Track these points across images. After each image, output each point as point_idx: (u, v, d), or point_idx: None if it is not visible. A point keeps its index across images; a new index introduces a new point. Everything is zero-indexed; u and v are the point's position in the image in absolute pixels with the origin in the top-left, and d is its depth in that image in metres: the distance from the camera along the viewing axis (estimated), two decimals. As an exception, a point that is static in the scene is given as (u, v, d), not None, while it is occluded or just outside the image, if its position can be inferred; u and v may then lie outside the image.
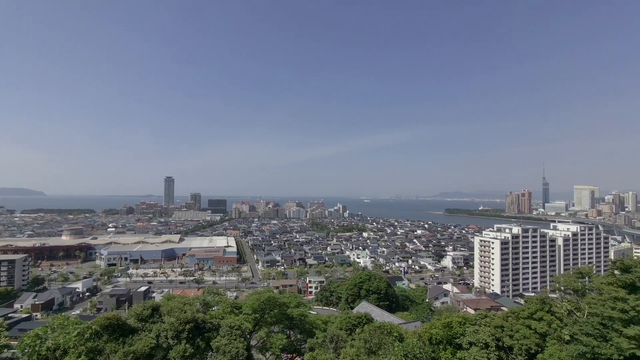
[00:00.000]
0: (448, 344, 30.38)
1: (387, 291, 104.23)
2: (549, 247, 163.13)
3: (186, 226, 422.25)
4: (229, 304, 43.07)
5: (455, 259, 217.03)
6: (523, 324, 26.83)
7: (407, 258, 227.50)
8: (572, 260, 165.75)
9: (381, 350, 31.08)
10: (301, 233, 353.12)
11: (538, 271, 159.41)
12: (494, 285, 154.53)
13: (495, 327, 28.12)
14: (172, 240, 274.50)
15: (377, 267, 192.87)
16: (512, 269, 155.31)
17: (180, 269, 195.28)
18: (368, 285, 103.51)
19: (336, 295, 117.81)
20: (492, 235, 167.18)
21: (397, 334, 34.33)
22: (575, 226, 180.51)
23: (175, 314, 30.08)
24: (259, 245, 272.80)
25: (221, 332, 30.30)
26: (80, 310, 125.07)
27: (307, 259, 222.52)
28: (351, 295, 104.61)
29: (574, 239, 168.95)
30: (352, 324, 43.32)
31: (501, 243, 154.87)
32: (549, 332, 25.64)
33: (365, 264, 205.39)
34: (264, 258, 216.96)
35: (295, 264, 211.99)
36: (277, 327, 43.09)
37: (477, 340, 27.13)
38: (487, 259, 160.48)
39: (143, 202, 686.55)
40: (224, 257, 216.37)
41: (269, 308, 39.67)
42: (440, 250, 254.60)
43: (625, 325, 17.79)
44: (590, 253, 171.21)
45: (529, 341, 25.69)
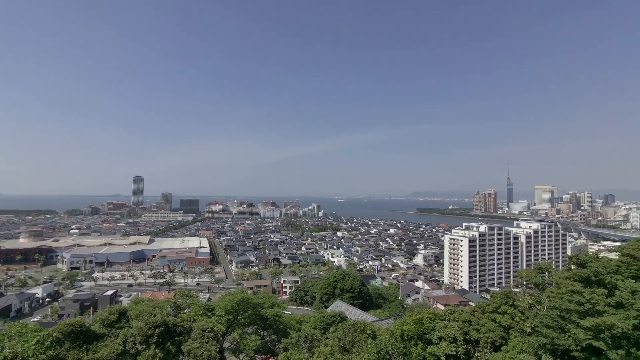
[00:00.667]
0: (419, 339, 31.24)
1: (360, 290, 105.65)
2: (512, 244, 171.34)
3: (156, 227, 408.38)
4: (201, 306, 42.15)
5: (427, 257, 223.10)
6: (489, 317, 28.09)
7: (380, 257, 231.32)
8: (534, 256, 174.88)
9: (355, 348, 31.52)
10: (276, 233, 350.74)
11: (503, 267, 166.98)
12: (462, 282, 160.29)
13: (463, 322, 29.23)
14: (142, 241, 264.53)
15: (351, 266, 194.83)
16: (479, 266, 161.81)
17: (150, 272, 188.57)
18: (342, 284, 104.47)
19: (311, 294, 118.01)
20: (460, 233, 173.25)
21: (370, 331, 34.91)
22: (536, 224, 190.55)
23: (144, 318, 29.09)
24: (233, 246, 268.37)
25: (193, 335, 29.63)
26: (40, 317, 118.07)
27: (282, 259, 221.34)
28: (325, 294, 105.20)
29: (535, 236, 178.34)
30: (327, 323, 43.61)
31: (469, 241, 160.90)
32: (512, 325, 26.99)
33: (340, 263, 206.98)
34: (238, 259, 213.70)
35: (270, 264, 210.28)
36: (251, 328, 42.64)
37: (446, 335, 28.08)
38: (456, 256, 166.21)
39: (110, 202, 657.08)
40: (197, 259, 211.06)
41: (243, 309, 39.18)
42: (412, 248, 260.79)
43: (581, 317, 18.96)
44: (549, 249, 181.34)
45: (494, 334, 26.92)
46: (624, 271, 21.23)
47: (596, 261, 23.71)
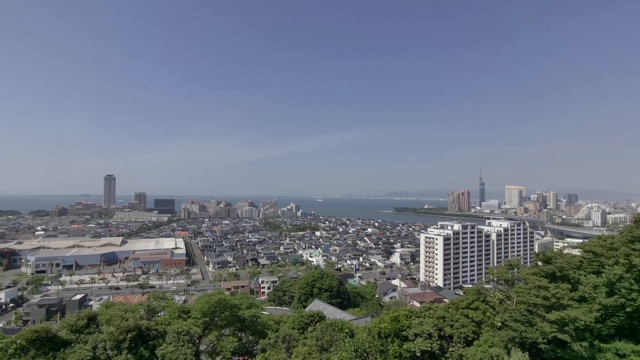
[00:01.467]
0: (395, 336, 31.79)
1: (339, 289, 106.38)
2: (484, 242, 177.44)
3: (129, 228, 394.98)
4: (177, 308, 41.20)
5: (403, 256, 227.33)
6: (462, 313, 29.01)
7: (358, 256, 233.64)
8: (504, 253, 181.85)
9: (333, 347, 31.74)
10: (254, 233, 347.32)
11: (475, 264, 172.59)
12: (437, 279, 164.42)
13: (438, 318, 30.03)
14: (113, 243, 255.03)
15: (329, 266, 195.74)
16: (454, 263, 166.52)
17: (123, 274, 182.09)
18: (320, 284, 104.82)
19: (289, 294, 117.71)
20: (436, 232, 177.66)
21: (348, 330, 35.25)
22: (506, 222, 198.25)
23: (115, 323, 28.09)
24: (210, 246, 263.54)
25: (167, 338, 28.92)
26: (3, 324, 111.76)
27: (260, 259, 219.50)
28: (304, 294, 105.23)
29: (505, 234, 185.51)
30: (305, 322, 43.67)
31: (444, 239, 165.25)
32: (484, 320, 27.99)
33: (318, 263, 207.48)
34: (215, 259, 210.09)
35: (248, 265, 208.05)
36: (228, 329, 42.07)
37: (422, 332, 28.74)
38: (431, 254, 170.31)
39: (79, 203, 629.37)
40: (172, 260, 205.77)
41: (220, 310, 38.56)
42: (389, 247, 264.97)
43: (547, 311, 19.78)
44: (519, 246, 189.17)
45: (466, 329, 27.83)
46: (587, 267, 22.51)
47: (561, 257, 25.03)
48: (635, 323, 19.02)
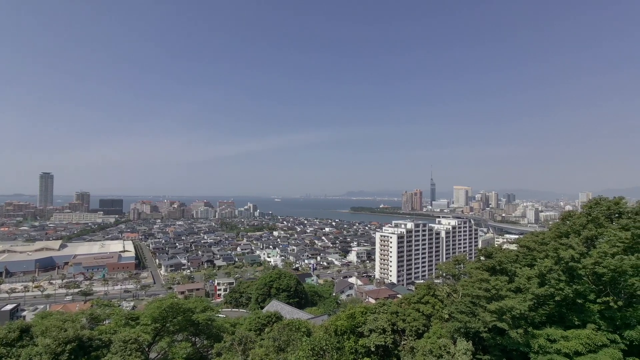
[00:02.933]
0: (351, 333, 32.52)
1: (296, 288, 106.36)
2: (435, 239, 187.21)
3: (70, 230, 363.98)
4: (123, 315, 38.76)
5: (359, 254, 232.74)
6: (413, 308, 30.43)
7: (316, 255, 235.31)
8: (452, 249, 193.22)
9: (290, 346, 31.76)
10: (209, 234, 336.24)
11: (427, 260, 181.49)
12: (391, 276, 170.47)
13: (391, 314, 31.22)
14: (51, 247, 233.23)
15: (287, 265, 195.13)
16: (407, 260, 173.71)
17: (62, 281, 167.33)
18: (278, 284, 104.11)
19: (246, 295, 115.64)
20: (390, 230, 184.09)
21: (305, 329, 35.48)
22: (454, 221, 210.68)
23: (52, 334, 25.81)
24: (162, 249, 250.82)
25: (113, 348, 27.15)
26: None
27: (216, 260, 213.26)
28: (261, 294, 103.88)
29: (453, 232, 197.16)
30: (262, 323, 43.24)
31: (397, 237, 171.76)
32: (433, 313, 29.59)
33: (276, 263, 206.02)
34: (168, 262, 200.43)
35: (203, 266, 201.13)
36: (181, 335, 40.44)
37: (376, 327, 29.68)
38: (386, 252, 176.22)
39: (9, 203, 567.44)
40: (120, 264, 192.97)
41: (172, 315, 36.90)
42: (346, 246, 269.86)
43: (488, 302, 21.32)
44: (465, 242, 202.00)
45: (417, 323, 29.24)
46: (521, 260, 24.69)
47: (500, 252, 27.27)
48: (564, 310, 21.08)
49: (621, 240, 18.50)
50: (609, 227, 21.13)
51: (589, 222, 22.16)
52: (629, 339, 17.91)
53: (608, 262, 17.75)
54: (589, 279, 19.76)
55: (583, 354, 17.83)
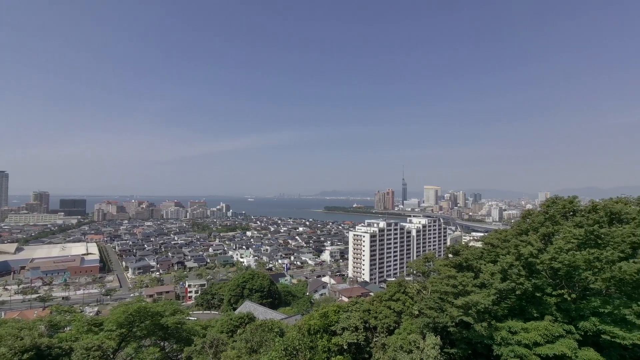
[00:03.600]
0: (324, 332, 32.74)
1: (270, 288, 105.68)
2: (406, 237, 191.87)
3: (27, 232, 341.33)
4: (86, 321, 36.96)
5: (333, 253, 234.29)
6: (385, 305, 31.07)
7: (289, 255, 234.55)
8: (423, 247, 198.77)
9: (262, 347, 31.53)
10: (180, 234, 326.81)
11: (398, 258, 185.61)
12: (364, 274, 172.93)
13: (364, 311, 31.72)
14: (6, 250, 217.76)
15: (260, 266, 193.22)
16: (379, 258, 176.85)
17: (18, 286, 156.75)
18: (251, 285, 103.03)
19: (218, 297, 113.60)
20: (363, 230, 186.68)
21: (278, 329, 35.35)
22: (424, 219, 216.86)
23: (7, 343, 24.23)
24: (129, 251, 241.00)
25: (74, 356, 25.86)
26: None
27: (187, 261, 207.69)
28: (234, 296, 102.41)
29: (423, 230, 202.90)
30: (234, 325, 42.61)
31: (370, 236, 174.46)
32: (404, 310, 30.34)
33: (249, 263, 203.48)
34: (135, 264, 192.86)
35: (173, 268, 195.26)
36: (149, 340, 39.10)
37: (349, 325, 30.07)
38: (359, 251, 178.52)
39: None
40: (82, 267, 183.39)
41: (139, 320, 35.59)
42: (320, 245, 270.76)
43: (455, 298, 22.16)
44: (434, 240, 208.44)
45: (389, 320, 29.89)
46: (486, 257, 25.85)
47: (466, 250, 28.42)
48: (524, 304, 22.27)
49: (575, 237, 19.80)
50: (564, 224, 22.55)
51: (547, 220, 23.55)
52: (583, 329, 19.15)
53: (563, 258, 18.95)
54: (546, 273, 21.00)
55: (541, 344, 18.91)
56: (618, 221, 22.01)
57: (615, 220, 22.16)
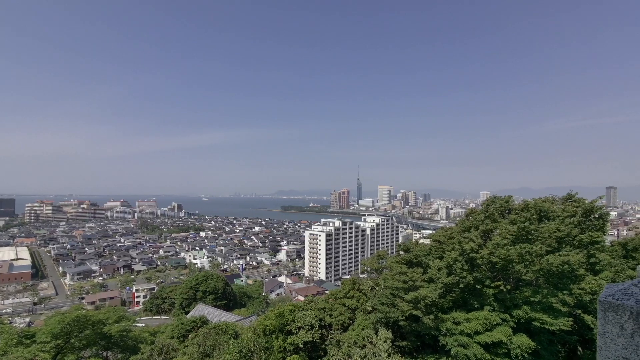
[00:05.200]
0: (280, 331, 32.72)
1: (225, 290, 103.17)
2: (360, 236, 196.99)
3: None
4: (15, 333, 33.53)
5: (289, 253, 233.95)
6: (340, 302, 31.80)
7: (245, 255, 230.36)
8: (376, 245, 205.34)
9: (216, 351, 30.76)
10: (127, 236, 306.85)
11: (353, 256, 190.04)
12: (320, 273, 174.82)
13: (319, 310, 32.20)
14: None
15: (215, 267, 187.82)
16: (335, 257, 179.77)
17: None
18: (205, 287, 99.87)
19: (169, 301, 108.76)
20: (319, 229, 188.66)
21: (233, 331, 34.69)
22: (378, 218, 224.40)
23: None
24: (67, 255, 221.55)
25: (2, 372, 23.40)
26: None
27: (135, 265, 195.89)
28: (186, 299, 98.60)
29: (377, 229, 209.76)
30: (186, 329, 41.11)
31: (326, 235, 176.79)
32: (358, 307, 31.26)
33: (203, 265, 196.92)
34: (75, 269, 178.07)
35: (119, 272, 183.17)
36: (90, 350, 36.42)
37: (304, 324, 30.36)
38: (315, 250, 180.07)
39: None
40: (11, 274, 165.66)
41: (78, 329, 33.03)
42: (276, 245, 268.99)
43: (405, 293, 23.24)
44: (388, 238, 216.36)
45: (343, 317, 30.63)
46: (434, 253, 27.44)
47: (416, 247, 30.02)
48: (466, 296, 23.92)
49: (510, 233, 21.72)
50: (501, 221, 24.63)
51: (486, 218, 25.55)
52: (517, 317, 21.03)
53: (500, 252, 20.70)
54: (485, 267, 22.80)
55: (481, 332, 20.48)
56: (546, 218, 24.53)
57: (543, 217, 24.66)
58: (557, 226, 22.51)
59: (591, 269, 22.72)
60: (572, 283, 20.57)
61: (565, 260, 19.32)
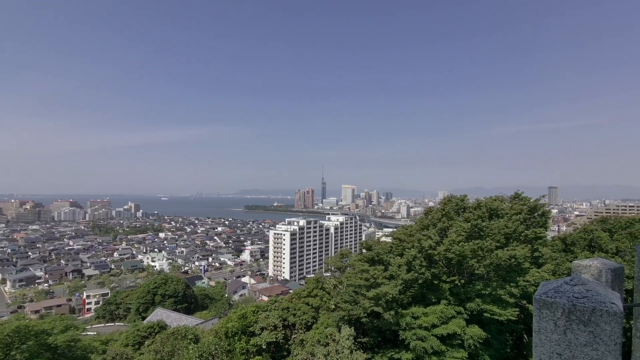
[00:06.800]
0: (243, 333, 32.20)
1: (185, 293, 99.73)
2: (324, 234, 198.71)
3: None
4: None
5: (253, 252, 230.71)
6: (303, 302, 31.83)
7: (207, 256, 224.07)
8: (340, 243, 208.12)
9: (174, 357, 29.69)
10: (77, 239, 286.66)
11: (317, 255, 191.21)
12: (284, 272, 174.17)
13: (283, 309, 32.04)
14: None
15: (175, 269, 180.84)
16: (299, 256, 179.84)
17: None
18: (164, 290, 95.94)
19: (124, 307, 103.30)
20: (283, 228, 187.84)
21: (193, 335, 33.65)
22: (342, 217, 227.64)
23: None
24: (8, 260, 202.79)
25: None
26: None
27: (86, 269, 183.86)
28: (143, 304, 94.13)
29: (341, 227, 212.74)
30: (142, 336, 39.24)
31: (290, 235, 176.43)
32: (321, 305, 31.47)
33: (162, 267, 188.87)
34: (16, 276, 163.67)
35: (68, 278, 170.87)
36: (33, 363, 33.58)
37: (268, 325, 30.08)
38: (279, 249, 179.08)
39: None
40: None
41: (19, 341, 30.34)
42: (239, 245, 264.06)
43: (367, 290, 23.73)
44: (351, 237, 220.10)
45: (307, 316, 30.71)
46: (394, 250, 28.28)
47: (378, 245, 30.75)
48: (424, 291, 24.90)
49: (464, 230, 22.93)
50: (457, 219, 25.94)
51: (443, 216, 26.79)
52: (470, 310, 22.25)
53: (455, 249, 21.78)
54: (442, 263, 23.89)
55: (438, 325, 21.44)
56: (496, 216, 26.16)
57: (493, 215, 26.28)
58: (506, 223, 24.09)
59: (535, 262, 24.58)
60: (518, 276, 22.12)
61: (513, 255, 20.73)
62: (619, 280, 4.03)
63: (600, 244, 27.16)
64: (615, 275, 3.93)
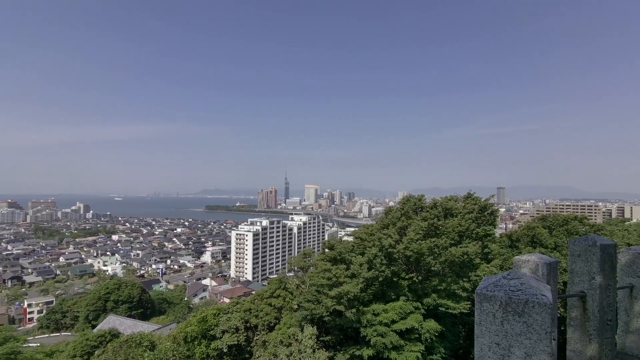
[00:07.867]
0: (203, 337, 31.33)
1: (141, 297, 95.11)
2: (288, 234, 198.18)
3: None
4: None
5: (215, 254, 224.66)
6: (266, 303, 31.58)
7: (165, 258, 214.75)
8: (304, 243, 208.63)
9: (129, 365, 28.26)
10: (16, 242, 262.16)
11: (281, 255, 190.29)
12: (247, 273, 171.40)
13: (245, 311, 31.59)
14: None
15: (129, 273, 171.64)
16: (262, 257, 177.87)
17: None
18: (117, 295, 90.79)
19: (72, 315, 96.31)
20: (246, 228, 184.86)
21: (149, 342, 32.21)
22: (305, 217, 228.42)
23: None
24: None
25: None
26: None
27: (27, 276, 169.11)
28: (94, 311, 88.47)
29: (304, 227, 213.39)
30: (91, 345, 36.90)
31: (253, 235, 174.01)
32: (284, 305, 31.41)
33: (115, 271, 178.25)
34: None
35: (6, 285, 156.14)
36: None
37: (229, 327, 29.55)
38: (242, 250, 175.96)
39: None
40: None
41: (-53, 358, 27.42)
42: (200, 246, 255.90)
43: (330, 289, 24.09)
44: (314, 236, 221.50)
45: (270, 317, 30.53)
46: (356, 249, 28.94)
47: (340, 244, 31.28)
48: (384, 288, 25.71)
49: (422, 229, 24.03)
50: (415, 218, 27.10)
51: (402, 215, 27.86)
52: (427, 305, 23.35)
53: (413, 247, 22.75)
54: (401, 260, 24.83)
55: (397, 321, 22.27)
56: (450, 215, 27.67)
57: (448, 214, 27.78)
58: (459, 222, 25.56)
59: (485, 258, 26.34)
60: (470, 271, 23.58)
61: (465, 252, 22.07)
62: (554, 273, 4.52)
63: (541, 239, 29.71)
64: (550, 269, 4.42)
